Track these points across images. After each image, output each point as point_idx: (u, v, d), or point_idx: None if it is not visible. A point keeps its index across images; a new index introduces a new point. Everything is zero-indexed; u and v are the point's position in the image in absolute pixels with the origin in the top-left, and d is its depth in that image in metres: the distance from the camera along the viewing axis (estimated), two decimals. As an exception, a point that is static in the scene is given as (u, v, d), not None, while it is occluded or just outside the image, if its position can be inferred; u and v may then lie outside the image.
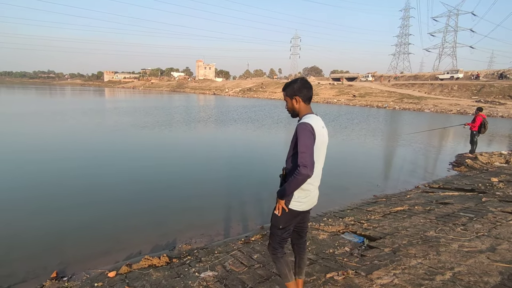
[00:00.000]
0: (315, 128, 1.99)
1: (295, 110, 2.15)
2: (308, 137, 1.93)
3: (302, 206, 2.11)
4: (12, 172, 6.94)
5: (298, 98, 2.10)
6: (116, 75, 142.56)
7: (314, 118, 2.07)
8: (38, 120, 16.19)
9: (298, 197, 2.07)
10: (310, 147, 1.92)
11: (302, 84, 2.11)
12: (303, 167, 1.88)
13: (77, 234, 4.21)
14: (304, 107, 2.12)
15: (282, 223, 2.12)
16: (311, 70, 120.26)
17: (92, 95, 49.68)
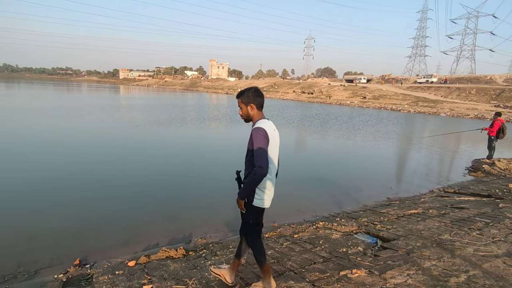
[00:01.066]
0: (268, 131, 2.18)
1: (249, 116, 2.33)
2: (262, 141, 2.12)
3: (265, 203, 2.31)
4: (40, 165, 7.24)
5: (253, 105, 2.28)
6: (131, 72, 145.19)
7: (267, 122, 2.26)
8: (61, 115, 16.72)
9: (261, 195, 2.26)
10: (264, 149, 2.11)
11: (256, 93, 2.29)
12: (259, 167, 2.07)
13: (99, 225, 4.38)
14: (257, 113, 2.31)
15: (252, 219, 2.35)
16: (324, 71, 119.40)
17: (108, 92, 50.80)
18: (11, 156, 7.82)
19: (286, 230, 4.38)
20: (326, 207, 5.59)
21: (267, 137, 2.15)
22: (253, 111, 2.30)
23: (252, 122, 2.33)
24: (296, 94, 52.82)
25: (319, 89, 52.22)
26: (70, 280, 2.99)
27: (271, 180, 2.31)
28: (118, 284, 2.81)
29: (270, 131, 2.20)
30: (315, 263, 3.18)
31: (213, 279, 2.87)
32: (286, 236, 4.12)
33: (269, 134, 2.18)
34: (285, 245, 3.73)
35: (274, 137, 2.25)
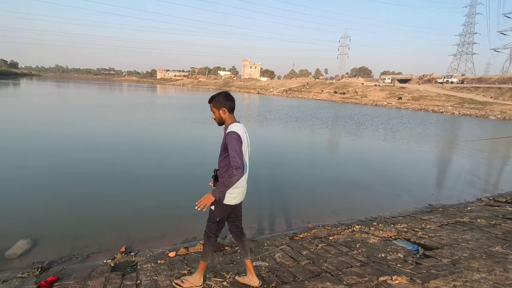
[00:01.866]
0: (241, 134, 2.29)
1: (222, 119, 2.42)
2: (237, 143, 2.22)
3: (233, 201, 2.40)
4: (94, 160, 7.84)
5: (224, 109, 2.37)
6: (167, 73, 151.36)
7: (238, 125, 2.37)
8: (109, 114, 17.92)
9: (230, 193, 2.35)
10: (240, 151, 2.21)
11: (226, 97, 2.38)
12: (236, 169, 2.16)
13: (142, 217, 4.65)
14: (229, 116, 2.40)
15: (218, 216, 2.43)
16: (359, 71, 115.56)
17: (146, 91, 53.39)
18: (71, 154, 8.53)
19: (321, 231, 4.33)
20: (362, 210, 5.44)
21: (241, 140, 2.26)
22: (225, 114, 2.39)
23: (224, 126, 2.43)
24: (329, 94, 51.73)
25: (353, 89, 50.66)
26: (117, 266, 3.21)
27: (243, 179, 2.40)
28: (161, 273, 2.96)
29: (242, 134, 2.31)
30: (352, 267, 3.12)
31: (249, 275, 2.92)
32: (321, 237, 4.07)
33: (242, 136, 2.29)
34: (320, 247, 3.70)
35: (246, 139, 2.37)
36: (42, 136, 10.06)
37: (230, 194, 2.36)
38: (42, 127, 11.86)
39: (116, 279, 2.86)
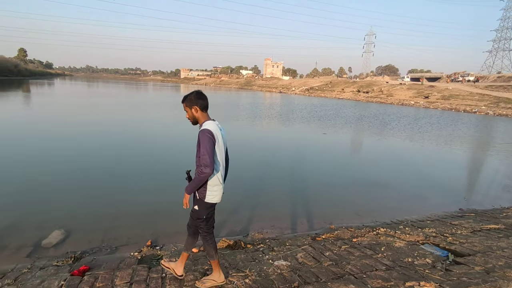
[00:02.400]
0: (214, 132, 2.30)
1: (195, 118, 2.43)
2: (208, 142, 2.24)
3: (214, 199, 2.44)
4: (125, 156, 8.18)
5: (197, 108, 2.39)
6: (191, 72, 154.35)
7: (212, 123, 2.38)
8: (140, 112, 18.59)
9: (211, 191, 2.40)
10: (210, 150, 2.23)
11: (197, 96, 2.39)
12: (204, 167, 2.21)
13: (167, 212, 4.78)
14: (202, 114, 2.41)
15: (204, 214, 2.47)
16: (385, 69, 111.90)
17: (170, 90, 54.76)
18: (105, 150, 8.94)
19: (344, 233, 4.25)
20: (387, 213, 5.28)
21: (213, 138, 2.28)
22: (197, 113, 2.40)
23: (199, 124, 2.44)
24: (353, 93, 50.52)
25: (378, 88, 49.15)
26: (144, 258, 3.33)
27: (220, 176, 2.44)
28: (185, 267, 3.03)
29: (215, 131, 2.32)
30: (376, 270, 3.04)
31: (272, 273, 2.93)
32: (344, 239, 4.00)
33: (215, 134, 2.31)
34: (344, 248, 3.63)
35: (220, 136, 2.38)
36: (78, 134, 10.60)
37: (210, 192, 2.40)
38: (78, 125, 12.49)
39: (143, 271, 2.96)
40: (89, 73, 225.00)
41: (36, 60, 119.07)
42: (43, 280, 2.75)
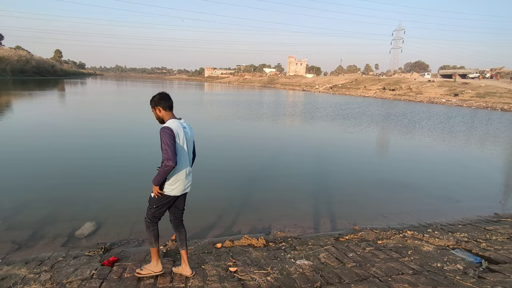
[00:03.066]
0: (174, 129, 2.44)
1: (160, 118, 2.59)
2: (168, 137, 2.38)
3: (172, 192, 2.57)
4: (153, 153, 8.49)
5: (159, 108, 2.56)
6: (214, 71, 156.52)
7: (174, 121, 2.52)
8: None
9: (169, 185, 2.54)
10: (170, 145, 2.37)
11: (159, 96, 2.56)
12: (167, 160, 2.35)
13: (191, 208, 4.84)
14: (166, 114, 2.57)
15: (155, 203, 2.61)
16: (414, 66, 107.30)
17: (194, 89, 55.81)
18: (135, 148, 9.32)
19: (368, 234, 4.14)
20: (414, 215, 5.08)
21: (173, 134, 2.41)
22: (161, 113, 2.57)
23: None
24: (379, 91, 48.91)
25: (407, 86, 47.24)
26: (169, 252, 3.43)
27: (182, 171, 2.56)
28: (208, 262, 3.10)
29: (176, 129, 2.46)
30: (403, 274, 2.94)
31: (293, 272, 2.92)
32: (369, 241, 3.90)
33: (175, 131, 2.44)
34: (368, 250, 3.54)
35: (182, 134, 2.51)
36: (110, 130, 11.12)
37: (168, 186, 2.54)
38: (110, 122, 13.09)
39: (168, 264, 3.06)
40: (118, 72, 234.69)
41: (70, 60, 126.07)
42: (76, 269, 2.92)
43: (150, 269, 2.79)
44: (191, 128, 2.72)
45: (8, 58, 51.53)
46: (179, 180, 2.57)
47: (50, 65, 70.00)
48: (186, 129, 2.62)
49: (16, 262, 3.12)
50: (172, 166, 2.38)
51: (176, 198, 2.68)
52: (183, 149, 2.53)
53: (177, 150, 2.45)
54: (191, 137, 2.68)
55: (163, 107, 2.56)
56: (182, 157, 2.53)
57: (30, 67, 57.41)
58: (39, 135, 9.77)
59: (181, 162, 2.52)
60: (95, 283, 2.66)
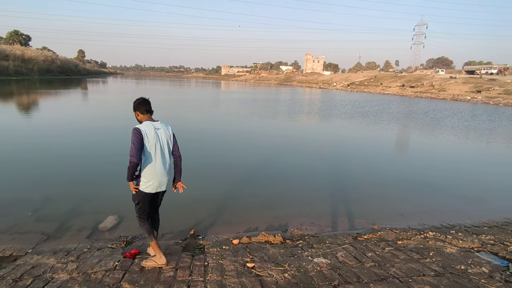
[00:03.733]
0: (143, 130, 2.69)
1: (139, 120, 2.85)
2: (135, 137, 2.63)
3: (147, 189, 2.77)
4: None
5: (137, 112, 2.84)
6: (231, 69, 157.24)
7: (147, 123, 2.77)
8: (190, 108, 19.51)
9: (143, 181, 2.75)
10: (136, 143, 2.62)
11: (138, 102, 2.83)
12: (130, 157, 2.61)
13: (209, 203, 4.98)
14: (143, 117, 2.83)
15: (136, 199, 2.83)
16: (437, 62, 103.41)
17: (211, 87, 56.32)
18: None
19: (388, 234, 4.06)
20: (436, 215, 4.93)
21: (140, 135, 2.65)
22: (139, 116, 2.84)
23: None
24: (400, 88, 47.54)
25: (429, 83, 45.65)
26: (187, 247, 3.50)
27: (154, 169, 2.74)
28: (226, 258, 3.15)
29: (147, 130, 2.70)
30: (424, 275, 2.87)
31: (311, 270, 2.92)
32: (388, 241, 3.82)
33: (144, 131, 2.68)
34: (387, 250, 3.48)
35: (153, 134, 2.71)
36: (129, 128, 11.43)
37: (143, 183, 2.76)
38: (128, 120, 13.46)
39: (187, 258, 3.13)
40: (138, 71, 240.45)
41: (93, 60, 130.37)
42: (100, 260, 3.04)
43: (154, 261, 2.92)
44: (167, 128, 2.91)
45: (35, 59, 53.89)
46: (152, 177, 2.75)
47: (74, 65, 72.68)
48: (161, 129, 2.82)
49: (45, 252, 3.28)
50: (135, 162, 2.62)
51: (154, 195, 2.86)
52: (153, 148, 2.72)
53: (145, 149, 2.69)
54: (168, 136, 2.87)
55: (141, 111, 2.83)
56: (152, 156, 2.72)
57: (55, 67, 59.84)
58: (65, 134, 10.19)
59: (150, 160, 2.72)
60: (118, 274, 2.76)
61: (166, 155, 2.84)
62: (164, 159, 2.82)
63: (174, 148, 2.94)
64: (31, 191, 5.16)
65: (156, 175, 2.76)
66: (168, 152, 2.87)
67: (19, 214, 4.29)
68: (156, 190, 2.81)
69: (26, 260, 3.06)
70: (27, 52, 54.70)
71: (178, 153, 2.97)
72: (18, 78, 44.17)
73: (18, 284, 2.58)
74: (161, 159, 2.78)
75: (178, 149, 2.98)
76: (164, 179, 2.83)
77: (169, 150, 2.88)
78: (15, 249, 3.37)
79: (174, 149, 2.94)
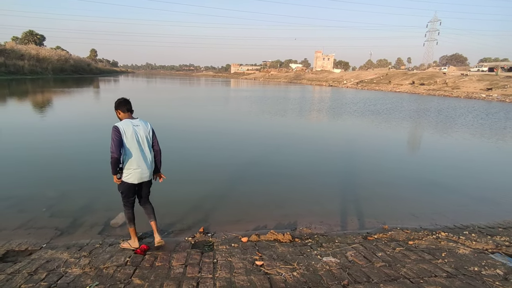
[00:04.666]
0: (121, 127, 2.94)
1: (120, 118, 3.09)
2: (114, 134, 2.88)
3: (129, 180, 3.05)
4: (187, 149, 8.76)
5: (119, 111, 3.09)
6: (240, 67, 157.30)
7: (125, 121, 3.03)
8: (204, 106, 19.64)
9: (125, 173, 3.04)
10: (115, 140, 2.86)
11: (118, 102, 3.08)
12: (111, 153, 2.86)
13: (218, 201, 5.01)
14: (123, 115, 3.09)
15: (121, 189, 3.13)
16: (450, 59, 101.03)
17: (221, 85, 56.49)
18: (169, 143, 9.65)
19: (399, 234, 4.00)
20: (449, 216, 4.83)
21: (119, 132, 2.90)
22: (120, 115, 3.10)
23: None
24: (412, 86, 46.66)
25: (442, 80, 44.65)
26: (197, 244, 3.53)
27: (134, 162, 3.00)
28: (235, 255, 3.16)
29: (125, 127, 2.95)
30: (436, 276, 2.82)
31: (320, 269, 2.90)
32: (399, 241, 3.77)
33: (122, 129, 2.93)
34: (398, 250, 3.43)
35: (131, 131, 2.96)
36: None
37: (125, 175, 3.03)
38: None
39: (196, 255, 3.16)
40: (148, 70, 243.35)
41: (104, 59, 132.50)
42: (112, 255, 3.10)
43: (129, 244, 3.28)
44: (146, 124, 3.16)
45: (49, 58, 55.14)
46: (132, 169, 3.02)
47: (86, 64, 74.05)
48: (139, 126, 3.07)
49: (59, 247, 3.37)
50: (115, 157, 2.88)
51: (137, 186, 3.14)
52: (133, 144, 2.98)
53: (124, 145, 2.94)
54: (147, 132, 3.12)
55: (122, 110, 3.08)
56: (131, 151, 2.98)
57: (69, 66, 61.12)
58: (80, 131, 10.42)
59: (130, 155, 2.99)
60: (129, 269, 2.81)
61: (145, 150, 3.11)
62: (144, 153, 3.09)
63: (153, 143, 3.22)
64: (46, 187, 5.29)
65: (137, 167, 3.04)
66: (148, 147, 3.14)
67: (34, 210, 4.41)
68: (138, 181, 3.10)
69: (41, 254, 3.15)
70: (42, 51, 56.00)
71: (157, 147, 3.25)
72: (33, 77, 45.31)
73: (33, 277, 2.65)
74: (141, 153, 3.05)
75: (158, 143, 3.26)
76: (144, 171, 3.10)
77: (149, 145, 3.15)
78: (30, 243, 3.47)
79: (153, 143, 3.22)
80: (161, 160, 3.33)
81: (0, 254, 3.16)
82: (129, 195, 3.15)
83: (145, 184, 3.23)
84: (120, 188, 3.13)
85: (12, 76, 41.34)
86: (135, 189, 3.17)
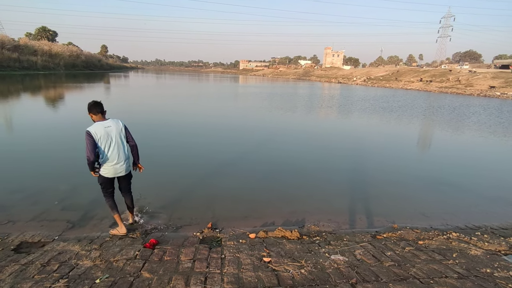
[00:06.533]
0: (93, 132, 3.19)
1: (93, 120, 3.32)
2: (87, 140, 3.15)
3: (106, 175, 3.39)
4: (195, 144, 8.83)
5: (91, 114, 3.32)
6: (249, 63, 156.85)
7: (96, 124, 3.26)
8: (213, 102, 19.73)
9: (102, 169, 3.36)
10: (89, 145, 3.15)
11: (91, 105, 3.29)
12: (87, 156, 3.19)
13: (227, 197, 5.03)
14: (96, 117, 3.31)
15: (100, 181, 3.46)
16: (464, 56, 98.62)
17: (230, 81, 56.50)
18: (180, 140, 9.74)
19: (408, 234, 3.95)
20: (460, 216, 4.74)
21: (91, 136, 3.15)
22: (93, 117, 3.32)
23: None
24: (423, 84, 45.78)
25: (455, 77, 43.67)
26: (205, 239, 3.56)
27: (109, 159, 3.31)
28: (242, 251, 3.17)
29: (98, 129, 3.20)
30: (446, 277, 2.77)
31: (328, 267, 2.89)
32: (409, 240, 3.72)
33: (94, 131, 3.18)
34: (408, 250, 3.39)
35: (102, 132, 3.21)
36: (148, 121, 11.71)
37: (102, 170, 3.36)
38: (148, 113, 13.76)
39: (204, 250, 3.18)
40: (158, 66, 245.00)
41: (115, 55, 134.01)
42: (122, 249, 3.15)
43: (117, 230, 3.56)
44: (117, 123, 3.39)
45: (62, 54, 56.08)
46: (108, 166, 3.34)
47: (97, 60, 75.06)
48: (111, 127, 3.30)
49: (71, 239, 3.44)
50: (91, 160, 3.21)
51: (113, 179, 3.49)
52: (106, 144, 3.25)
53: (99, 146, 3.22)
54: (119, 130, 3.37)
55: (93, 112, 3.29)
56: (105, 150, 3.26)
57: (80, 62, 62.09)
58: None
59: (105, 154, 3.27)
60: (138, 263, 2.85)
61: (120, 147, 3.38)
62: (119, 150, 3.36)
63: (128, 139, 3.50)
64: (58, 181, 5.40)
65: (112, 164, 3.35)
66: (122, 144, 3.41)
67: (47, 202, 4.51)
68: (113, 175, 3.44)
69: (53, 246, 3.22)
70: (54, 47, 56.98)
71: (132, 142, 3.54)
72: (46, 72, 46.18)
73: (46, 268, 2.72)
74: (116, 151, 3.34)
75: (132, 139, 3.54)
76: (118, 168, 3.41)
77: (123, 142, 3.42)
78: (43, 235, 3.55)
79: (128, 139, 3.50)
80: (137, 153, 3.65)
81: (15, 245, 3.25)
82: (107, 187, 3.49)
83: (122, 178, 3.57)
84: (98, 180, 3.46)
85: (25, 72, 42.25)
86: (112, 182, 3.52)
